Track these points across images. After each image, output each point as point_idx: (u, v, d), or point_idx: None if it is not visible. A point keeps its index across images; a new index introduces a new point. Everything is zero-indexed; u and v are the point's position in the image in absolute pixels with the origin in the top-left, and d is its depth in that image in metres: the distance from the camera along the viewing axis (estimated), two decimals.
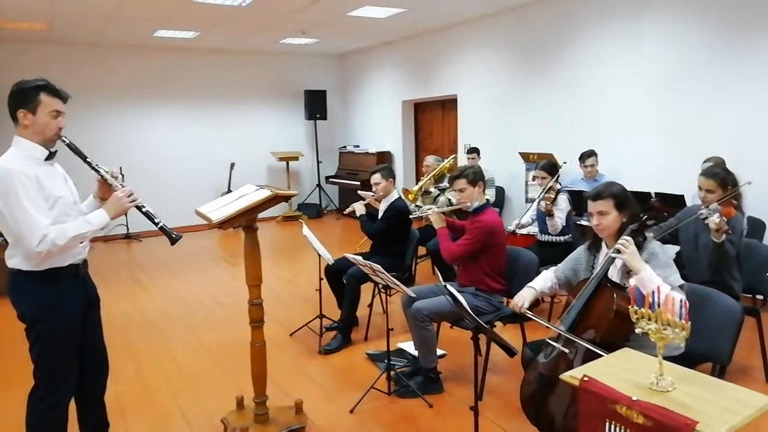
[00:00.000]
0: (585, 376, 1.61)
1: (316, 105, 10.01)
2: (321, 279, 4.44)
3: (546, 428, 2.42)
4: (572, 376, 1.67)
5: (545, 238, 4.80)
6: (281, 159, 9.84)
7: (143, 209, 2.50)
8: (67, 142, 2.38)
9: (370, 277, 3.66)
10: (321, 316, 4.41)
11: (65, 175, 2.48)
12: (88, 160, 2.43)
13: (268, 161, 9.88)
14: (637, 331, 1.66)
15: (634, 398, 1.48)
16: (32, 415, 2.38)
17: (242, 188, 2.99)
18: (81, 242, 2.36)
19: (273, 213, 9.97)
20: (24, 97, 2.27)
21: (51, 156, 2.37)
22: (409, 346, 3.94)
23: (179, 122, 9.32)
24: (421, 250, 5.74)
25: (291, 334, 4.47)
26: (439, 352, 3.79)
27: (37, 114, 2.27)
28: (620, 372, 1.70)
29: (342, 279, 4.33)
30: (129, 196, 2.45)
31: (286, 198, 2.74)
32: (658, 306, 1.59)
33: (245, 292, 2.86)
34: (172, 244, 2.47)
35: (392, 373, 3.46)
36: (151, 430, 3.13)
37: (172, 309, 5.29)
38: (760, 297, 4.07)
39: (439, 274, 2.81)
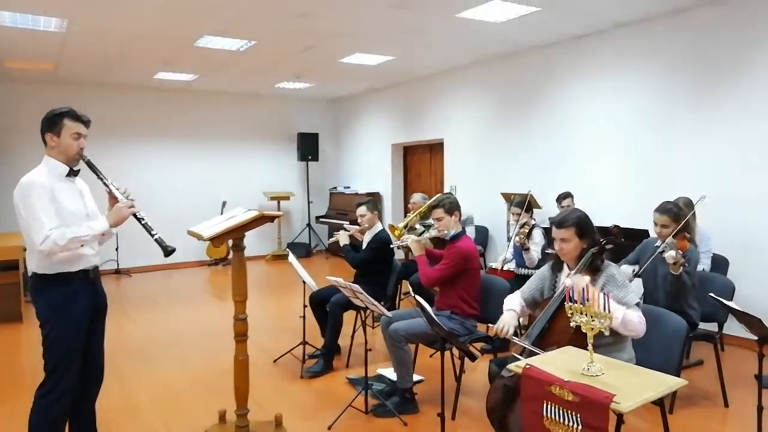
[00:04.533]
0: (527, 364, 1.81)
1: (308, 147, 10.37)
2: (305, 306, 4.61)
3: None
4: (517, 365, 1.87)
5: (523, 271, 5.02)
6: (273, 198, 10.09)
7: (142, 221, 2.73)
8: (87, 159, 2.72)
9: (352, 304, 3.85)
10: (304, 342, 4.56)
11: (82, 191, 2.80)
12: (101, 176, 2.74)
13: (259, 201, 10.12)
14: (572, 324, 1.88)
15: (566, 379, 1.68)
16: (35, 409, 2.60)
17: (232, 210, 3.22)
18: (81, 245, 2.60)
19: (262, 252, 10.18)
20: (51, 122, 2.67)
21: (72, 173, 2.71)
22: (389, 372, 4.08)
23: (174, 161, 9.62)
24: (405, 289, 5.94)
25: (275, 361, 4.60)
26: (417, 377, 3.94)
27: (61, 136, 2.64)
28: (560, 363, 1.91)
29: (325, 308, 4.50)
30: (129, 207, 2.70)
31: (272, 218, 2.97)
32: (587, 301, 1.82)
33: (233, 324, 3.05)
34: (166, 256, 2.68)
35: (370, 392, 3.60)
36: None
37: (159, 337, 5.41)
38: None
39: (412, 292, 3.01)
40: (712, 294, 2.83)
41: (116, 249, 8.64)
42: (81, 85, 8.66)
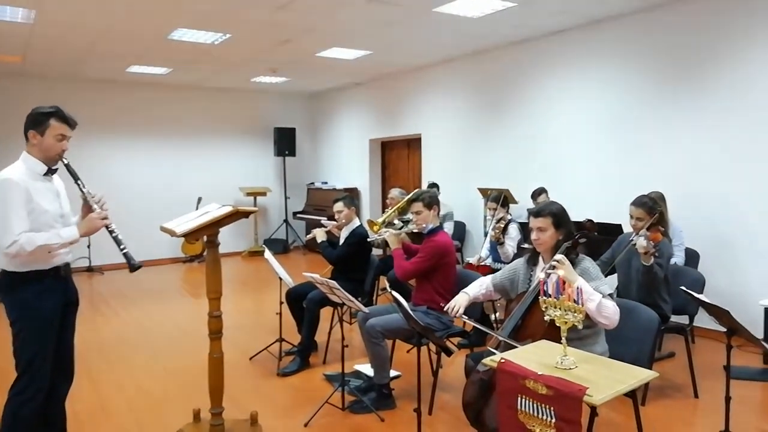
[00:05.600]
0: (502, 358, 1.82)
1: (285, 142, 10.28)
2: (281, 303, 4.57)
3: (485, 429, 2.58)
4: (492, 360, 1.88)
5: (499, 266, 5.05)
6: (249, 194, 9.98)
7: (113, 234, 2.68)
8: (66, 162, 2.68)
9: (329, 300, 3.82)
10: (281, 339, 4.53)
11: (59, 190, 2.74)
12: (78, 181, 2.70)
13: (235, 196, 10.01)
14: (545, 318, 1.89)
15: (540, 373, 1.69)
16: (8, 408, 2.57)
17: (207, 206, 3.17)
18: (49, 251, 2.57)
19: (239, 248, 10.08)
20: (36, 120, 2.62)
21: (50, 172, 2.66)
22: (366, 368, 4.07)
23: (148, 156, 9.45)
24: (383, 284, 5.92)
25: (251, 358, 4.56)
26: (394, 372, 3.95)
27: (45, 135, 2.60)
28: (535, 357, 1.92)
29: (302, 304, 4.46)
30: (103, 219, 2.66)
31: (246, 214, 2.93)
32: (561, 294, 1.83)
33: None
34: (131, 271, 2.66)
35: (347, 389, 3.59)
36: None
37: (133, 336, 5.32)
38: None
39: (389, 288, 3.00)
40: (683, 287, 2.88)
41: (88, 246, 8.48)
42: (49, 79, 8.45)
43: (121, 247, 2.65)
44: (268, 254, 4.41)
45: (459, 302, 3.02)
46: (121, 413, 3.58)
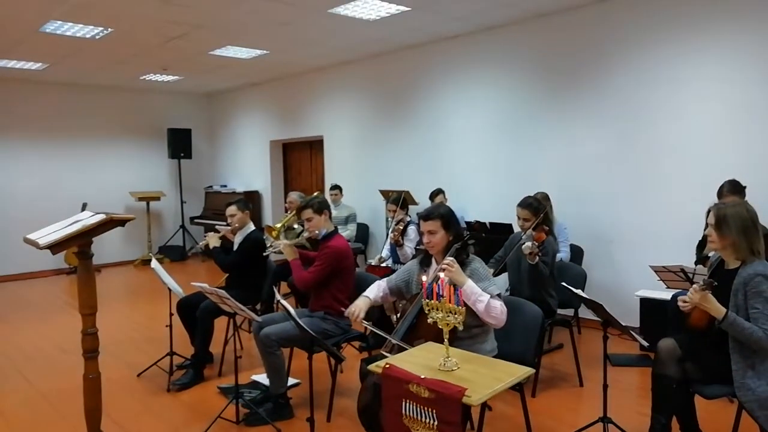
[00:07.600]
0: (387, 363, 1.80)
1: (179, 143, 9.78)
2: (172, 314, 4.31)
3: None
4: (377, 365, 1.86)
5: (399, 268, 5.08)
6: (141, 199, 9.41)
7: None
8: None
9: (222, 310, 3.65)
10: (171, 353, 4.26)
11: None
12: None
13: (125, 201, 9.40)
14: (429, 320, 1.90)
15: (423, 376, 1.70)
16: None
17: (79, 215, 2.91)
18: None
19: (131, 257, 9.48)
20: None
21: None
22: (263, 378, 3.94)
23: (25, 159, 8.63)
24: (284, 290, 5.78)
25: (139, 375, 4.27)
26: (293, 381, 3.85)
27: None
28: (420, 360, 1.93)
29: (195, 314, 4.24)
30: None
31: (122, 222, 2.72)
32: (443, 296, 1.84)
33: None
34: None
35: (242, 401, 3.44)
36: None
37: (1, 358, 4.80)
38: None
39: (278, 297, 2.91)
40: (563, 283, 3.03)
41: None
42: None
43: None
44: (154, 263, 4.14)
45: (359, 306, 2.95)
46: None
